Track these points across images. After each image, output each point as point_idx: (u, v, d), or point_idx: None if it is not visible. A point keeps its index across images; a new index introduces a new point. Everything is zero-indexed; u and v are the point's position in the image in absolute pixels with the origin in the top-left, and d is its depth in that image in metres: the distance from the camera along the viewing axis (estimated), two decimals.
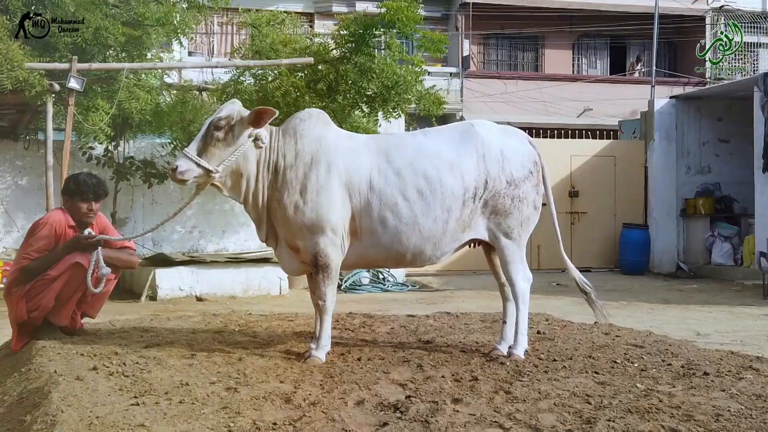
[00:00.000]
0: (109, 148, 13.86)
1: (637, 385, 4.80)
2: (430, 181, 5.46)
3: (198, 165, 5.32)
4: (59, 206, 6.65)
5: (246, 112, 5.50)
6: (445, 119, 17.48)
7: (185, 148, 5.44)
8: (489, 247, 5.85)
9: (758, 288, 14.38)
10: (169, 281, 12.83)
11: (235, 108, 5.51)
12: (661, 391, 4.65)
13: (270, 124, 5.55)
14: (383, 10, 12.46)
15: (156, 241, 14.71)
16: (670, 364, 5.45)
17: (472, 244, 5.81)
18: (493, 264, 5.93)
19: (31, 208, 14.09)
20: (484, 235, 5.63)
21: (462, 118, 23.37)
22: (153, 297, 12.67)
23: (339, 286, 13.97)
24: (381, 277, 15.09)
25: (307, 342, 5.99)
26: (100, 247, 5.92)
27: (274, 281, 13.55)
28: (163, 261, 13.09)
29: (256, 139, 5.46)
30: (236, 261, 13.52)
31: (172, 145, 14.04)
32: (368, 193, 5.45)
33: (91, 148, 13.85)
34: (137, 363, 5.09)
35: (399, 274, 15.48)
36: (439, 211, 5.46)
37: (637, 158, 18.77)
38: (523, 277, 5.66)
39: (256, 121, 5.45)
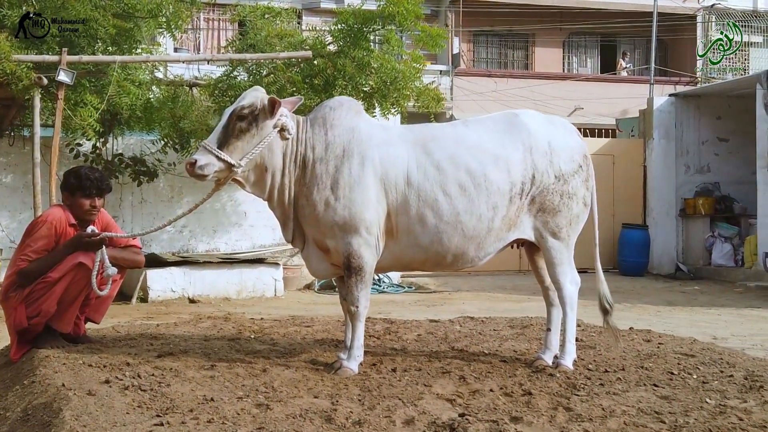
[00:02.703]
0: (98, 144, 13.35)
1: (707, 400, 4.40)
2: (473, 175, 5.01)
3: (219, 158, 4.85)
4: (58, 203, 6.16)
5: None
6: (435, 117, 17.12)
7: (204, 140, 4.95)
8: (532, 248, 5.43)
9: (762, 290, 14.09)
10: (160, 282, 12.37)
11: (258, 95, 5.02)
12: (735, 407, 4.25)
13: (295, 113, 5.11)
14: (382, 2, 12.06)
15: (145, 241, 14.19)
16: (731, 376, 5.05)
17: (514, 245, 5.38)
18: (537, 266, 5.51)
19: (16, 207, 13.59)
20: (529, 235, 5.20)
21: (452, 117, 23.02)
22: (144, 299, 12.20)
23: (333, 288, 13.58)
24: (377, 278, 14.64)
25: (331, 350, 5.56)
26: (104, 246, 5.47)
27: (269, 282, 13.11)
28: (155, 261, 12.58)
29: (282, 130, 4.99)
30: (230, 261, 13.04)
31: (163, 142, 13.59)
32: (405, 189, 4.99)
33: (79, 144, 13.34)
34: (153, 375, 4.63)
35: (394, 275, 15.03)
36: (483, 209, 5.01)
37: (635, 157, 18.38)
38: (571, 280, 5.25)
39: (269, 111, 4.99)
